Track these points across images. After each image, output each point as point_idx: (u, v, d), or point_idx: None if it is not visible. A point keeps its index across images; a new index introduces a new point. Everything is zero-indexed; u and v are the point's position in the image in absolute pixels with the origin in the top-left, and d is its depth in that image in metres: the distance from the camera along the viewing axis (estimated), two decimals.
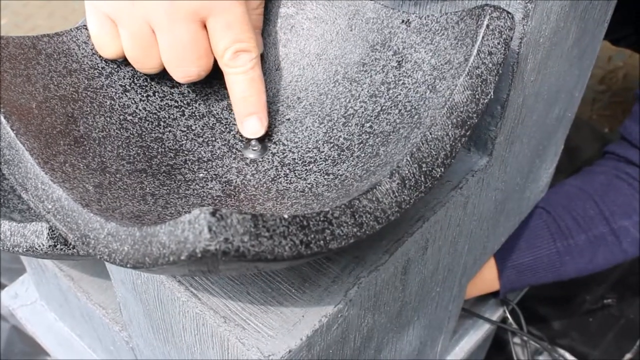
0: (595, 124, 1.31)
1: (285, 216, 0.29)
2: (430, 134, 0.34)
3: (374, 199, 0.32)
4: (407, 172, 0.33)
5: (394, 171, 0.33)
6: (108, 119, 0.41)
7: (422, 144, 0.34)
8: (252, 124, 0.42)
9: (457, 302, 0.61)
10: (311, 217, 0.30)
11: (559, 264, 0.73)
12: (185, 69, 0.41)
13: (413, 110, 0.38)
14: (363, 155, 0.39)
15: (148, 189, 0.39)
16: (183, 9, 0.39)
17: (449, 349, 0.72)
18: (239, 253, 0.27)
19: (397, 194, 0.33)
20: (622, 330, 0.95)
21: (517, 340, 0.79)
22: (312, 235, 0.30)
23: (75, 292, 0.59)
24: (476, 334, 0.75)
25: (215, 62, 0.42)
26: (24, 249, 0.46)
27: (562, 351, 0.93)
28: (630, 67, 1.40)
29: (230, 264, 0.28)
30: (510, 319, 0.78)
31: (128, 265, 0.30)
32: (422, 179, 0.34)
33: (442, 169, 0.34)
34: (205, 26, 0.40)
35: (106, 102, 0.42)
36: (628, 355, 0.83)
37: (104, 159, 0.39)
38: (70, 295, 0.61)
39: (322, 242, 0.30)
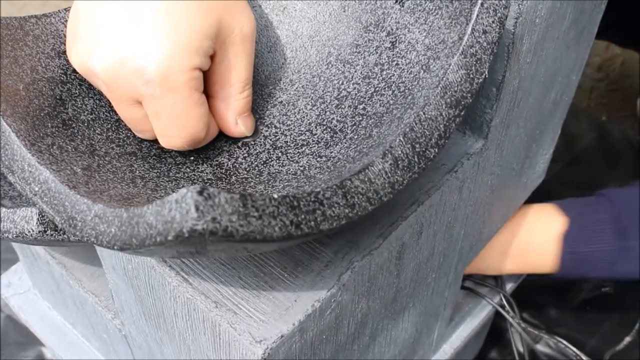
0: (592, 112, 1.31)
1: (275, 196, 0.28)
2: (424, 113, 0.34)
3: (366, 179, 0.31)
4: (400, 152, 0.33)
5: (386, 151, 0.32)
6: (97, 102, 0.41)
7: (416, 124, 0.33)
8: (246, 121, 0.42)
9: (453, 289, 0.61)
10: (302, 197, 0.29)
11: (612, 261, 0.71)
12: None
13: (407, 91, 0.38)
14: (356, 137, 0.38)
15: (137, 172, 0.38)
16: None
17: (445, 337, 0.72)
18: (227, 233, 0.26)
19: (389, 175, 0.32)
20: (619, 319, 0.94)
21: (514, 328, 0.79)
22: (303, 216, 0.29)
23: (67, 279, 0.58)
24: (473, 322, 0.74)
25: None
26: (14, 235, 0.45)
27: (559, 339, 0.93)
28: (628, 55, 1.39)
29: (218, 245, 0.28)
30: (507, 307, 0.78)
31: (115, 247, 0.29)
32: (416, 159, 0.33)
33: (436, 150, 0.34)
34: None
35: None
36: (627, 339, 0.82)
37: (93, 142, 0.39)
38: (62, 283, 0.60)
39: (312, 222, 0.29)
